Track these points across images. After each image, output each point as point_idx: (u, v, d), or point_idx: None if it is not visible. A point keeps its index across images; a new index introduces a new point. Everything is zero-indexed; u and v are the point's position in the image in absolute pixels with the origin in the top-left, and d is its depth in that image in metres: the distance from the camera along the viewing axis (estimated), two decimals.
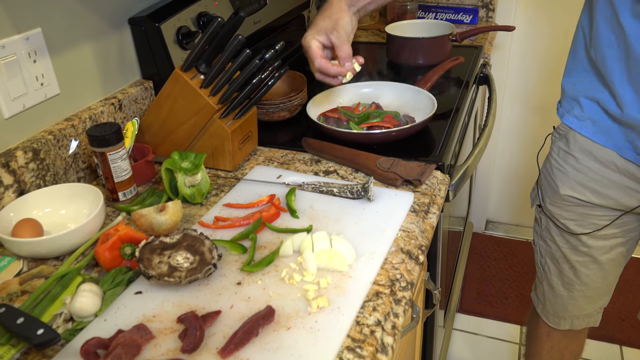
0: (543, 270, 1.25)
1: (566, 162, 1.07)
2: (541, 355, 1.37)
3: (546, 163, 1.15)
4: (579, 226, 1.10)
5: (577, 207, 1.09)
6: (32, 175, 0.92)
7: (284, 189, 0.96)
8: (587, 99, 1.01)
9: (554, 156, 1.11)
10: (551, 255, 1.20)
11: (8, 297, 0.74)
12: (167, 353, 0.64)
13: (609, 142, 1.00)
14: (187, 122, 1.01)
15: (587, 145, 1.03)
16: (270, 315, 0.68)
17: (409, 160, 1.01)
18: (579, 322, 1.26)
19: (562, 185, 1.08)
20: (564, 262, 1.18)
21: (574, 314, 1.24)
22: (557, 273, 1.21)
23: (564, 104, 1.08)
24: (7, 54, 0.88)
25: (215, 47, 0.97)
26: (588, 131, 1.02)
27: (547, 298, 1.27)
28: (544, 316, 1.30)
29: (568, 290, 1.20)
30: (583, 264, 1.15)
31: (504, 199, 2.45)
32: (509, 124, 2.27)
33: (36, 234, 0.83)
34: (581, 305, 1.22)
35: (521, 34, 2.06)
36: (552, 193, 1.12)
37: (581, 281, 1.17)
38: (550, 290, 1.25)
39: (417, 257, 0.81)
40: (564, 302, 1.23)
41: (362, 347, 0.65)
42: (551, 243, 1.19)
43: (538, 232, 1.23)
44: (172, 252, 0.76)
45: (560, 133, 1.09)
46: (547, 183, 1.13)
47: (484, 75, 1.59)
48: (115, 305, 0.72)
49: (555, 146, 1.10)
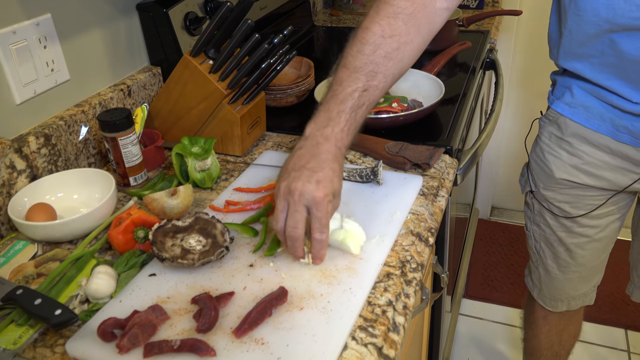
0: (538, 254, 1.25)
1: (560, 147, 1.06)
2: (539, 339, 1.38)
3: (535, 148, 1.13)
4: (575, 208, 1.10)
5: (572, 190, 1.08)
6: (44, 160, 0.93)
7: None
8: (577, 86, 1.01)
9: (544, 141, 1.09)
10: (546, 239, 1.20)
11: (24, 279, 0.76)
12: (182, 333, 0.65)
13: (602, 127, 0.99)
14: (197, 107, 1.01)
15: (579, 130, 1.02)
16: (283, 296, 0.69)
17: (417, 144, 1.01)
18: (575, 302, 1.26)
19: (557, 170, 1.07)
20: (559, 245, 1.18)
21: (571, 294, 1.25)
22: (552, 257, 1.21)
23: (555, 92, 1.07)
24: (18, 40, 0.89)
25: (224, 32, 0.97)
26: (580, 117, 1.01)
27: (543, 282, 1.27)
28: (541, 300, 1.30)
29: (564, 272, 1.21)
30: (579, 245, 1.15)
31: (509, 186, 2.45)
32: (515, 109, 2.26)
33: (50, 218, 0.84)
34: (577, 285, 1.23)
35: (528, 19, 2.05)
36: (546, 178, 1.11)
37: (577, 262, 1.18)
38: (545, 274, 1.25)
39: (426, 239, 0.82)
40: (561, 285, 1.23)
41: (374, 327, 0.66)
42: (545, 227, 1.19)
43: (530, 218, 1.22)
44: (184, 235, 0.77)
45: (550, 119, 1.08)
46: (540, 168, 1.12)
47: (490, 60, 1.59)
48: (130, 287, 0.73)
49: (546, 131, 1.09)
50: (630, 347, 1.85)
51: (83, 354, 0.63)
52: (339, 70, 0.80)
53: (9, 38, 0.87)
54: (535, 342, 1.40)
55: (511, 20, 2.05)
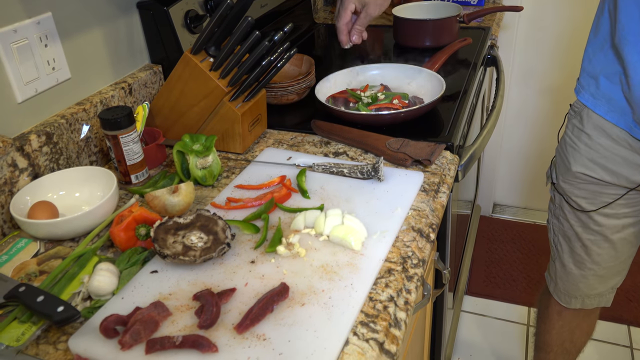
0: (555, 248, 1.26)
1: (579, 140, 1.07)
2: (551, 334, 1.38)
3: (561, 141, 1.15)
4: (590, 204, 1.11)
5: (589, 185, 1.09)
6: (46, 158, 0.93)
7: (295, 170, 0.97)
8: (604, 77, 1.01)
9: (568, 134, 1.11)
10: (563, 233, 1.21)
11: (27, 277, 0.76)
12: (184, 329, 0.65)
13: (621, 121, 1.00)
14: (197, 105, 1.02)
15: (599, 122, 1.03)
16: (284, 292, 0.69)
17: (418, 140, 1.01)
18: (590, 301, 1.26)
19: (574, 163, 1.08)
20: (575, 240, 1.18)
21: (585, 292, 1.25)
22: (568, 251, 1.21)
23: (581, 80, 1.08)
24: (19, 38, 0.89)
25: (224, 30, 0.97)
26: (602, 109, 1.02)
27: (559, 276, 1.27)
28: (556, 295, 1.31)
29: (579, 268, 1.21)
30: (595, 242, 1.15)
31: (511, 182, 2.45)
32: (516, 105, 2.26)
33: (52, 216, 0.84)
34: (592, 284, 1.22)
35: (529, 15, 2.05)
36: (565, 170, 1.12)
37: (592, 260, 1.18)
38: (562, 268, 1.25)
39: (428, 235, 0.82)
40: (576, 281, 1.23)
41: (375, 322, 0.66)
42: (564, 221, 1.19)
43: (552, 210, 1.23)
44: (186, 232, 0.77)
45: (575, 110, 1.09)
46: (561, 160, 1.14)
47: (491, 56, 1.58)
48: (132, 284, 0.73)
49: (570, 124, 1.11)
50: (633, 343, 1.84)
51: (85, 350, 0.63)
52: None
53: (10, 37, 0.87)
54: (547, 336, 1.40)
55: (512, 16, 2.05)
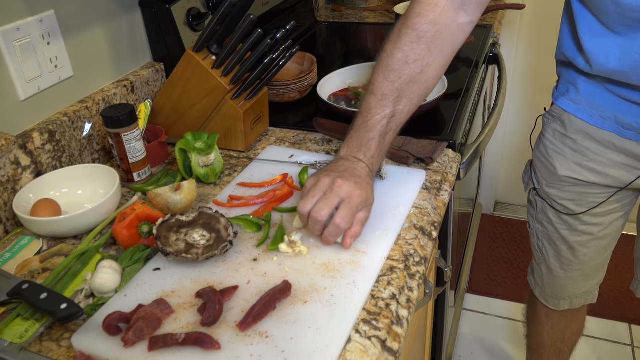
0: (540, 252, 1.24)
1: (563, 144, 1.05)
2: (542, 336, 1.38)
3: (539, 145, 1.12)
4: (578, 206, 1.10)
5: (575, 187, 1.08)
6: (49, 156, 0.94)
7: (297, 168, 0.97)
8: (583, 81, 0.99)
9: (548, 138, 1.09)
10: (548, 237, 1.20)
11: (30, 274, 0.76)
12: (187, 326, 0.66)
13: (606, 124, 0.99)
14: (200, 103, 1.02)
15: (583, 127, 1.01)
16: (287, 290, 0.69)
17: (420, 139, 1.01)
18: (577, 300, 1.26)
19: (561, 167, 1.07)
20: (562, 243, 1.17)
21: (573, 293, 1.24)
22: (554, 255, 1.20)
23: (560, 87, 1.06)
24: (21, 36, 0.89)
25: (226, 28, 0.97)
26: (585, 114, 1.00)
27: (545, 280, 1.26)
28: (543, 298, 1.30)
29: (566, 271, 1.20)
30: (582, 243, 1.15)
31: (512, 181, 2.45)
32: (518, 104, 2.26)
33: (55, 214, 0.84)
34: (579, 284, 1.22)
35: (531, 13, 2.04)
36: (549, 175, 1.10)
37: (580, 260, 1.17)
38: (548, 272, 1.24)
39: (430, 233, 0.82)
40: (563, 283, 1.23)
41: (377, 320, 0.66)
42: (548, 225, 1.18)
43: (533, 215, 1.21)
44: (188, 229, 0.78)
45: (554, 115, 1.07)
46: (543, 165, 1.11)
47: (493, 54, 1.58)
48: (135, 282, 0.73)
49: (550, 128, 1.08)
50: (634, 341, 1.84)
51: (89, 347, 0.64)
52: (368, 97, 0.85)
53: (12, 34, 0.88)
54: (538, 339, 1.40)
55: (514, 14, 2.04)
